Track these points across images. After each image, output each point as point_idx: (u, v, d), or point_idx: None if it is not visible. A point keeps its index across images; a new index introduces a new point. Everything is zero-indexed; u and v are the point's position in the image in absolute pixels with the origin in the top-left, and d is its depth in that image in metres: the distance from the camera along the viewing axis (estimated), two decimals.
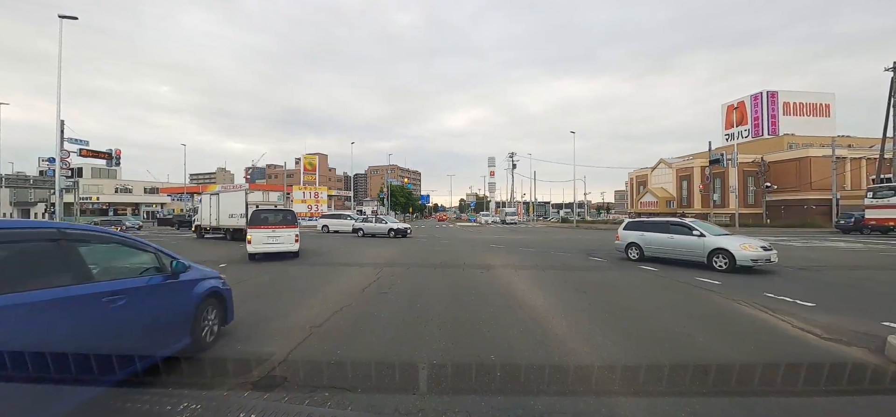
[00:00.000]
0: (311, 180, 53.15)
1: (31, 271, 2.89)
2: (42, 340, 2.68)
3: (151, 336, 3.73)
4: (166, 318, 3.97)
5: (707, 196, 43.39)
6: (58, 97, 14.58)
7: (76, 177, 52.25)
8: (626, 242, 13.13)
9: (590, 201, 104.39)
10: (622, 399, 3.34)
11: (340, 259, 13.84)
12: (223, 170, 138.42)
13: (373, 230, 26.13)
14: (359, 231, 27.10)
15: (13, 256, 2.83)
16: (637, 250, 12.69)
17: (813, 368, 4.05)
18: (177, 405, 1.11)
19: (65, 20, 14.72)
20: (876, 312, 6.21)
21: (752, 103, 55.33)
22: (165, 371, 4.01)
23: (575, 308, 6.57)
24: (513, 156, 65.37)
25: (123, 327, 3.41)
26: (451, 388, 3.64)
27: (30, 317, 2.65)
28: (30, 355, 2.53)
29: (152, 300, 3.83)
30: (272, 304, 6.84)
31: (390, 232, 25.26)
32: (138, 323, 3.58)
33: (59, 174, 15.57)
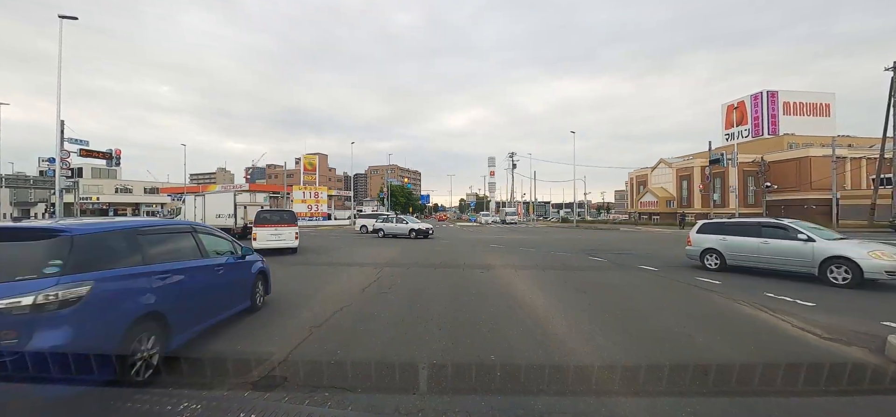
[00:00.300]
0: (311, 180, 53.14)
1: (182, 250, 4.74)
2: (192, 289, 4.59)
3: (232, 296, 5.58)
4: (239, 285, 5.81)
5: (707, 196, 43.40)
6: (58, 97, 14.58)
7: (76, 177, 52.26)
8: (701, 248, 11.02)
9: (590, 201, 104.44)
10: (622, 399, 3.34)
11: (341, 258, 13.84)
12: (223, 170, 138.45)
13: (394, 230, 25.13)
14: (379, 231, 26.24)
15: (175, 241, 4.76)
16: (716, 258, 10.65)
17: (813, 368, 4.05)
18: (177, 405, 1.11)
19: (65, 20, 14.74)
20: (876, 312, 6.21)
21: (752, 103, 55.34)
22: (165, 371, 4.01)
23: (575, 308, 6.57)
24: (513, 156, 65.40)
25: (222, 287, 5.29)
26: (451, 388, 3.64)
27: (184, 275, 4.49)
28: (186, 296, 4.45)
29: (232, 272, 5.61)
30: (272, 304, 6.84)
31: (411, 233, 24.23)
32: (228, 286, 5.46)
33: (59, 174, 15.57)
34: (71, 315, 3.14)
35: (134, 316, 3.64)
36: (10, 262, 3.23)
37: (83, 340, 3.16)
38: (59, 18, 14.63)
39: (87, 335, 3.21)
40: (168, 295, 4.13)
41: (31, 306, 2.97)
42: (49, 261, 3.25)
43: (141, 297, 3.80)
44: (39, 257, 3.28)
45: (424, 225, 25.26)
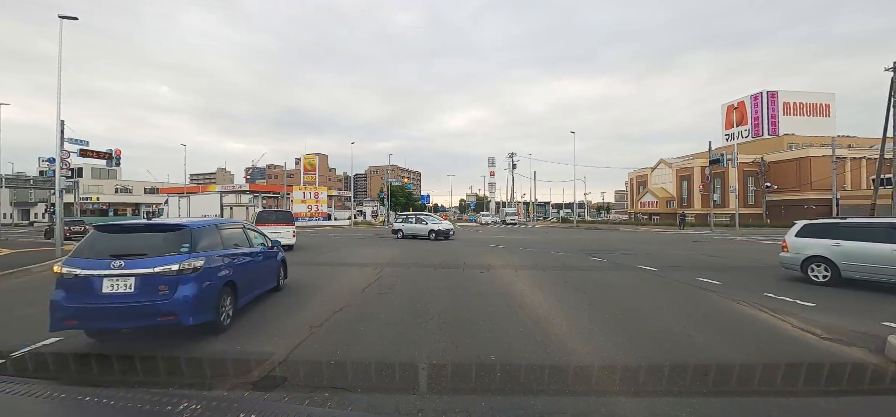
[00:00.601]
0: (311, 180, 53.07)
1: (239, 241, 6.45)
2: (246, 268, 6.20)
3: (267, 277, 7.27)
4: (271, 269, 7.50)
5: (707, 196, 43.36)
6: (58, 97, 14.57)
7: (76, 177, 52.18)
8: (803, 256, 8.93)
9: (590, 201, 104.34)
10: (622, 399, 3.34)
11: (341, 259, 13.84)
12: (223, 171, 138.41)
13: (413, 231, 23.93)
14: (398, 232, 24.90)
15: (235, 234, 6.46)
16: (826, 268, 8.55)
17: (813, 368, 4.05)
18: (177, 405, 1.10)
19: (65, 20, 14.73)
20: (876, 312, 6.21)
21: (752, 103, 55.33)
22: (165, 371, 4.02)
23: (575, 308, 6.57)
24: (513, 156, 65.40)
25: (262, 269, 6.96)
26: (451, 388, 3.64)
27: (243, 258, 6.15)
28: (244, 273, 6.05)
29: (267, 259, 7.29)
30: (272, 304, 6.84)
31: (431, 235, 23.03)
32: (265, 269, 7.14)
33: (59, 174, 15.55)
34: (194, 278, 4.84)
35: (223, 282, 5.38)
36: (160, 245, 4.96)
37: (200, 295, 4.85)
38: (59, 18, 14.63)
39: (202, 292, 4.90)
40: (236, 271, 5.84)
41: (176, 271, 4.73)
42: (181, 245, 5.00)
43: (225, 270, 5.52)
44: (175, 242, 5.02)
45: (444, 226, 23.84)
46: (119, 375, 3.96)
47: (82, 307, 4.53)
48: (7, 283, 9.54)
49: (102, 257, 4.71)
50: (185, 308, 4.64)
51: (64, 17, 14.62)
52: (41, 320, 6.14)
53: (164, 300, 4.61)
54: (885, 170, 32.08)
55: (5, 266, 11.40)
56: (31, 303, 7.46)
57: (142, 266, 4.67)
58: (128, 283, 4.59)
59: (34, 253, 14.76)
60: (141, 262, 4.70)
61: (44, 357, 4.37)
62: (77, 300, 4.54)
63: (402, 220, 25.93)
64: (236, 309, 5.73)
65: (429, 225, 23.56)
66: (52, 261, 12.62)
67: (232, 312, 5.57)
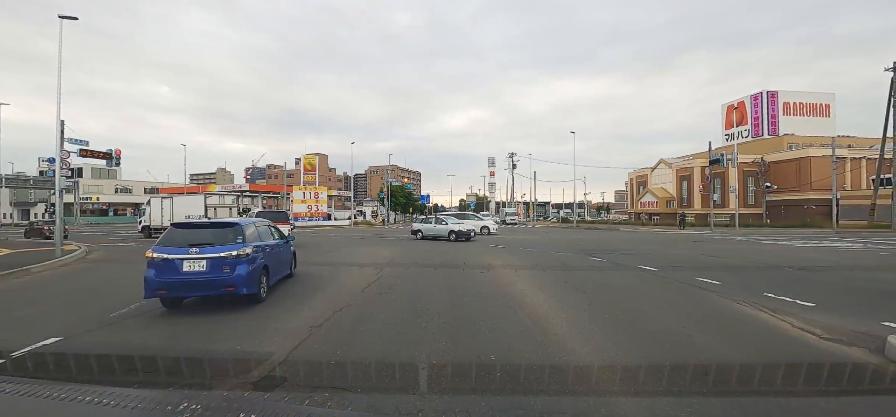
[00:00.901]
0: (311, 180, 53.10)
1: (267, 235, 8.01)
2: (273, 256, 7.73)
3: (286, 264, 8.95)
4: (287, 259, 9.12)
5: (707, 196, 43.38)
6: (58, 97, 14.57)
7: (76, 177, 52.18)
8: None
9: (590, 201, 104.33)
10: (622, 399, 3.34)
11: (341, 258, 13.84)
12: (223, 171, 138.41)
13: (433, 232, 23.02)
14: (417, 232, 24.06)
15: (264, 231, 7.93)
16: None
17: (813, 368, 4.04)
18: (177, 405, 1.10)
19: (65, 20, 14.72)
20: (876, 312, 6.20)
21: (752, 103, 55.33)
22: (165, 371, 4.02)
23: (575, 308, 6.57)
24: (513, 156, 65.44)
25: (282, 258, 8.51)
26: (451, 388, 3.64)
27: (271, 249, 7.76)
28: (273, 260, 7.68)
29: (285, 250, 8.90)
30: (273, 304, 6.84)
31: (451, 236, 21.99)
32: (285, 257, 8.82)
33: (59, 174, 15.55)
34: (246, 261, 6.51)
35: (262, 265, 6.99)
36: (221, 237, 6.66)
37: (250, 273, 6.53)
38: (59, 18, 14.63)
39: (251, 271, 6.56)
40: (268, 257, 7.42)
41: (235, 256, 6.40)
42: (236, 237, 6.69)
43: (262, 257, 7.08)
44: (232, 235, 6.71)
45: (466, 227, 22.87)
46: (119, 375, 3.97)
47: (168, 280, 6.20)
48: (7, 283, 9.54)
49: (181, 245, 6.41)
50: (241, 282, 6.34)
51: (64, 17, 14.62)
52: (41, 320, 6.16)
53: (227, 276, 6.29)
54: (885, 170, 32.09)
55: (5, 266, 11.40)
56: (31, 303, 7.46)
57: (211, 252, 6.37)
58: (201, 264, 6.30)
59: (34, 254, 14.76)
60: (210, 249, 6.42)
61: (44, 357, 4.37)
62: (164, 276, 6.21)
63: (422, 221, 25.66)
64: (268, 288, 7.27)
65: (448, 226, 22.62)
66: (52, 261, 12.62)
67: (267, 288, 7.20)
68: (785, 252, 15.73)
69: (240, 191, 59.00)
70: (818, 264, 12.04)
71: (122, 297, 7.41)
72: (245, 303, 6.55)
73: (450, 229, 22.34)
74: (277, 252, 8.21)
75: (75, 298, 7.91)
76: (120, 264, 13.37)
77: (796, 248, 17.13)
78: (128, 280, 9.98)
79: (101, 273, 11.34)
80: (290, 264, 9.35)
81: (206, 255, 6.30)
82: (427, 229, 23.60)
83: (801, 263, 12.16)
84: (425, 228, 23.80)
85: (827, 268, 11.18)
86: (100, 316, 6.13)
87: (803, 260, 12.80)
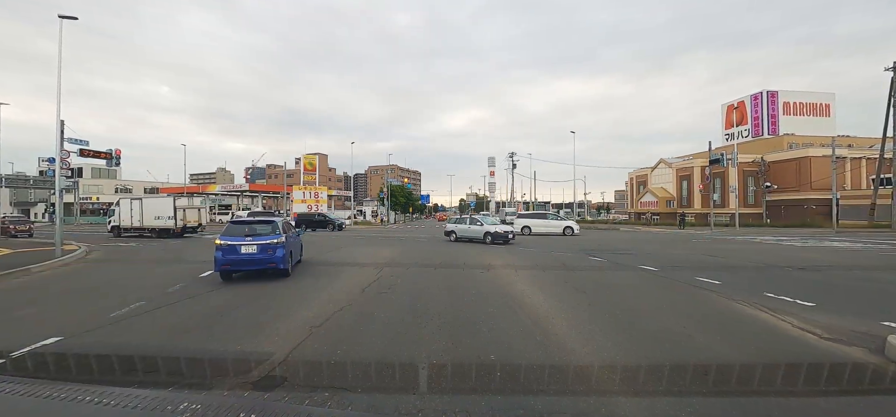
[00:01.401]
0: (311, 180, 53.11)
1: (290, 228, 11.87)
2: (295, 245, 11.10)
3: (299, 250, 11.72)
4: (299, 247, 11.69)
5: (707, 196, 43.38)
6: (58, 97, 14.56)
7: (76, 177, 52.13)
8: None
9: (590, 201, 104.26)
10: (622, 399, 3.34)
11: (341, 259, 13.84)
12: (223, 170, 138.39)
13: (468, 234, 21.40)
14: (451, 234, 22.46)
15: (289, 225, 12.68)
16: None
17: (813, 368, 4.04)
18: (177, 405, 1.10)
19: (65, 20, 14.72)
20: (876, 312, 6.21)
21: (752, 103, 55.32)
22: (165, 371, 4.02)
23: (575, 308, 6.57)
24: (513, 155, 65.36)
25: (297, 245, 11.54)
26: (451, 388, 3.64)
27: (293, 238, 10.93)
28: (293, 247, 10.66)
29: (298, 240, 11.79)
30: (273, 304, 6.85)
31: (487, 238, 20.30)
32: (298, 245, 11.73)
33: (59, 174, 15.55)
34: (282, 246, 9.26)
35: (290, 252, 9.70)
36: (266, 229, 9.42)
37: (285, 255, 9.35)
38: (59, 18, 14.62)
39: (285, 254, 9.37)
40: (291, 244, 10.21)
41: (275, 243, 9.19)
42: (275, 230, 9.46)
43: (288, 244, 9.67)
44: (271, 228, 9.50)
45: (503, 228, 20.99)
46: (119, 375, 3.96)
47: (231, 258, 8.97)
48: (7, 283, 9.54)
49: (239, 235, 9.25)
50: (279, 260, 9.18)
51: (64, 17, 14.61)
52: (41, 320, 6.17)
53: (270, 256, 9.09)
54: (885, 170, 32.09)
55: (5, 266, 11.39)
56: (31, 303, 7.46)
57: (260, 240, 9.17)
58: (253, 247, 9.06)
59: (33, 253, 14.76)
60: (259, 237, 9.21)
61: (44, 357, 4.37)
62: (228, 255, 8.98)
63: (455, 222, 24.14)
64: (292, 267, 10.27)
65: (484, 228, 20.93)
66: (52, 261, 12.62)
67: (292, 267, 10.15)
68: (785, 252, 15.73)
69: (240, 191, 59.07)
70: (818, 264, 12.04)
71: (122, 297, 7.41)
72: (279, 277, 9.28)
73: (485, 231, 20.70)
74: (295, 240, 11.34)
75: (75, 298, 7.91)
76: (120, 264, 13.37)
77: (796, 248, 17.12)
78: (128, 280, 9.98)
79: (101, 273, 11.34)
80: (301, 250, 12.18)
81: (256, 242, 9.11)
82: (461, 231, 22.03)
83: (801, 263, 12.16)
84: (459, 229, 22.26)
85: (827, 268, 11.18)
86: (100, 316, 6.12)
87: (803, 260, 12.80)
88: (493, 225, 21.25)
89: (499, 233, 20.32)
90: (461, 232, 22.01)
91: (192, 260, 13.90)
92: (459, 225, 22.63)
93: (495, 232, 20.41)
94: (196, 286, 8.60)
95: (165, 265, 12.73)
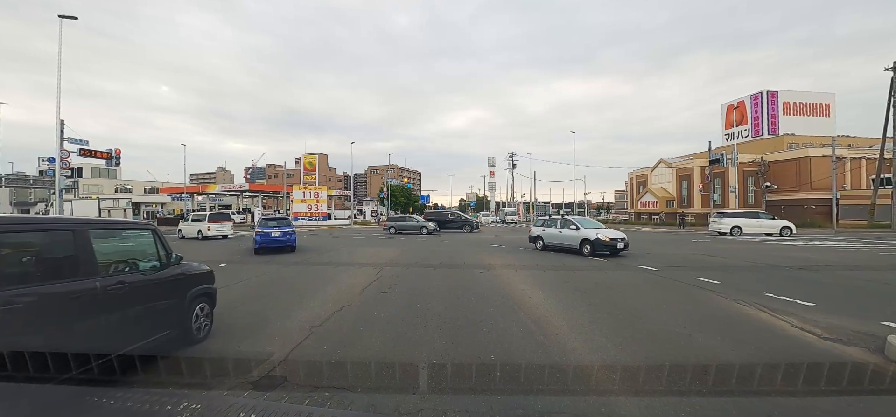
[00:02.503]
0: (310, 180, 53.04)
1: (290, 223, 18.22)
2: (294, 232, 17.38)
3: (294, 237, 17.03)
4: (294, 234, 17.23)
5: (707, 196, 43.41)
6: (58, 97, 14.57)
7: (76, 176, 52.15)
8: None
9: (590, 201, 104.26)
10: (622, 398, 3.34)
11: (340, 259, 13.84)
12: (223, 170, 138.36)
13: (558, 241, 15.95)
14: (537, 239, 17.24)
15: (291, 221, 20.40)
16: None
17: (813, 368, 4.05)
18: (177, 405, 1.10)
19: (65, 20, 14.72)
20: (876, 312, 6.21)
21: (752, 103, 55.31)
22: (165, 371, 4.02)
23: (575, 308, 6.57)
24: (513, 155, 65.39)
25: (293, 233, 17.11)
26: (451, 388, 3.64)
27: (291, 229, 17.18)
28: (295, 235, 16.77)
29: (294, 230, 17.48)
30: (272, 304, 6.85)
31: (584, 248, 14.38)
32: (294, 234, 17.25)
33: (58, 174, 15.55)
34: (294, 234, 16.85)
35: (293, 238, 16.64)
36: (284, 223, 17.26)
37: (295, 239, 16.90)
38: (58, 18, 14.63)
39: (295, 238, 16.96)
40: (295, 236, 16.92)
41: (290, 230, 16.72)
42: (290, 224, 17.62)
43: (291, 234, 16.68)
44: (288, 223, 17.58)
45: (609, 234, 14.38)
46: (119, 375, 3.96)
47: (264, 241, 15.63)
48: None
49: (269, 225, 16.37)
50: (293, 242, 16.36)
51: (64, 17, 14.62)
52: None
53: (288, 239, 16.16)
54: (885, 170, 32.09)
55: None
56: None
57: (282, 228, 16.30)
58: (278, 233, 15.96)
59: None
60: (281, 227, 16.36)
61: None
62: (263, 239, 15.65)
63: (542, 224, 17.90)
64: (295, 248, 16.09)
65: (581, 232, 14.80)
66: None
67: (295, 246, 16.38)
68: (785, 251, 15.73)
69: (240, 191, 59.02)
70: (818, 264, 12.04)
71: None
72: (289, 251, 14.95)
73: (582, 237, 14.55)
74: (293, 232, 16.90)
75: None
76: None
77: (796, 248, 17.12)
78: None
79: None
80: (295, 237, 17.07)
81: (280, 229, 16.10)
82: (550, 236, 16.50)
83: (801, 263, 12.16)
84: (548, 235, 16.72)
85: (827, 268, 11.18)
86: None
87: (803, 260, 12.80)
88: (593, 230, 14.83)
89: (602, 242, 13.99)
90: (550, 238, 16.52)
91: (191, 260, 13.89)
92: (548, 230, 16.92)
93: (597, 240, 14.02)
94: None
95: None
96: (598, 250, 13.98)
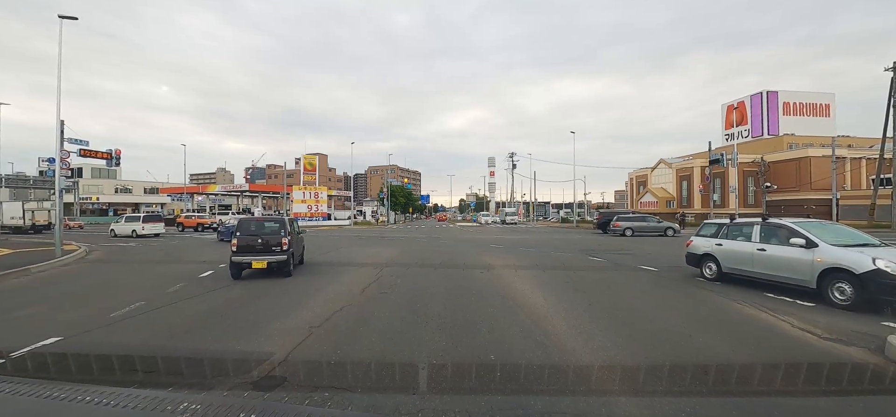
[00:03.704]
0: (310, 180, 53.01)
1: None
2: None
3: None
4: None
5: (707, 196, 43.37)
6: (58, 97, 14.56)
7: (76, 177, 52.13)
8: None
9: (590, 201, 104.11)
10: (622, 398, 3.34)
11: (340, 259, 13.84)
12: (223, 171, 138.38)
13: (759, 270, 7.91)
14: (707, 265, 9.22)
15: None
16: None
17: (813, 368, 4.05)
18: (177, 405, 1.10)
19: (65, 20, 14.71)
20: (876, 312, 6.20)
21: (752, 103, 55.34)
22: (165, 371, 4.02)
23: (575, 308, 6.57)
24: (513, 156, 65.41)
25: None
26: (451, 388, 3.64)
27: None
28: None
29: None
30: (273, 304, 6.84)
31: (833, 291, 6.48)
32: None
33: (59, 174, 15.55)
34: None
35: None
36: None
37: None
38: (58, 18, 14.62)
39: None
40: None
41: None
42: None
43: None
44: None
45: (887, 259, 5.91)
46: (119, 375, 3.96)
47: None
48: (7, 283, 9.54)
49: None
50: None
51: (64, 17, 14.61)
52: (41, 320, 6.16)
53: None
54: (885, 170, 32.08)
55: (5, 266, 11.39)
56: (30, 303, 7.45)
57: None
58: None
59: (33, 254, 14.76)
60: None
61: (44, 357, 4.37)
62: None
63: (716, 234, 9.36)
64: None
65: (814, 256, 7.00)
66: (52, 261, 12.62)
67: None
68: None
69: (240, 191, 59.04)
70: None
71: (122, 297, 7.42)
72: None
73: (826, 267, 6.74)
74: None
75: (75, 298, 7.91)
76: (120, 264, 13.36)
77: None
78: (128, 280, 9.98)
79: (101, 273, 11.34)
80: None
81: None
82: (737, 257, 8.59)
83: None
84: (731, 253, 8.73)
85: None
86: (100, 316, 6.12)
87: None
88: (856, 249, 6.79)
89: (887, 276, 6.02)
90: (737, 261, 8.63)
91: (192, 260, 13.93)
92: (733, 245, 8.81)
93: (877, 274, 6.09)
94: (196, 286, 8.61)
95: (165, 265, 12.74)
96: (879, 295, 6.15)
